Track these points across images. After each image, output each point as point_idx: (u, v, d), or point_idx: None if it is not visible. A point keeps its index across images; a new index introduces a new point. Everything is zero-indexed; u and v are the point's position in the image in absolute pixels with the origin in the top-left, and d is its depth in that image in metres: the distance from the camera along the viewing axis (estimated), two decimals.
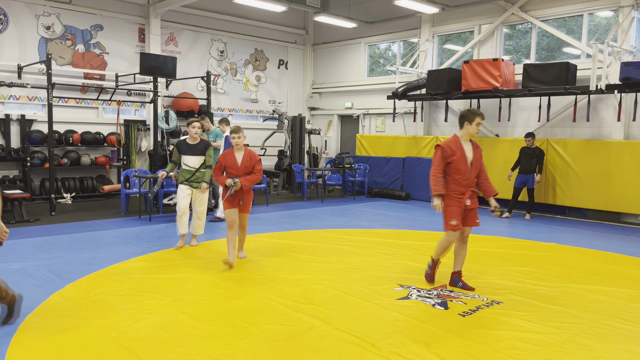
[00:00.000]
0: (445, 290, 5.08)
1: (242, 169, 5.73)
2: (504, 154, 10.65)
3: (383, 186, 12.71)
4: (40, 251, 6.34)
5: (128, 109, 12.23)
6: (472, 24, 11.77)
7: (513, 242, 7.55)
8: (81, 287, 4.91)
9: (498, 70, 9.94)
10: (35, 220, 8.42)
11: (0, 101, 10.33)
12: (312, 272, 5.65)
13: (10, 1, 10.25)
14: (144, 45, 12.12)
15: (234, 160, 5.74)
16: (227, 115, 13.91)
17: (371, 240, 7.37)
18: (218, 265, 5.84)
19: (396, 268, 5.88)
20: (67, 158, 10.70)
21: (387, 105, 13.27)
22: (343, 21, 13.10)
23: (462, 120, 5.00)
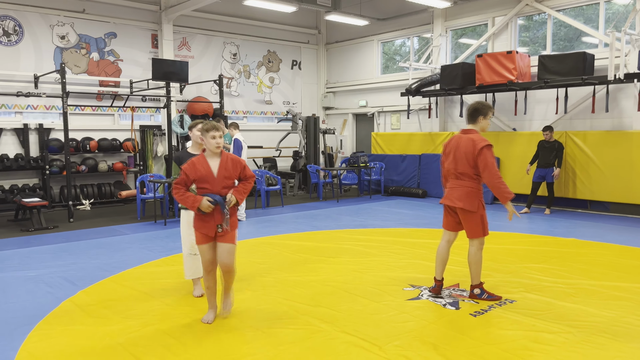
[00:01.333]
0: (457, 290, 4.97)
1: (220, 182, 3.97)
2: (521, 148, 10.44)
3: (399, 184, 12.59)
4: (56, 258, 6.42)
5: (143, 115, 12.36)
6: (486, 16, 11.56)
7: (531, 238, 7.37)
8: (92, 294, 4.95)
9: (512, 63, 9.74)
10: (53, 227, 8.55)
11: (18, 111, 10.53)
12: (322, 273, 5.60)
13: (25, 12, 10.45)
14: (157, 51, 12.22)
15: (208, 169, 3.95)
16: (242, 117, 13.96)
17: (385, 240, 7.28)
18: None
19: (408, 268, 5.79)
20: (85, 165, 10.86)
21: (402, 102, 13.13)
22: (355, 19, 13.01)
23: (476, 114, 4.59)
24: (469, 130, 4.63)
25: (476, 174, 4.51)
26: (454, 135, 4.79)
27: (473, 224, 4.57)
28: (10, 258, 6.45)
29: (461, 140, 4.56)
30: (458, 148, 4.56)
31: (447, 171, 4.69)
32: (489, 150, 4.43)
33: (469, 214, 4.54)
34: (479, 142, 4.43)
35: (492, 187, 4.42)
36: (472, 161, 4.46)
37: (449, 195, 4.65)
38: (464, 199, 4.53)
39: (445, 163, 4.70)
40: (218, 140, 3.94)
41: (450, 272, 5.45)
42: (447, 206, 4.73)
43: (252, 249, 6.90)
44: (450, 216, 4.72)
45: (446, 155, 4.70)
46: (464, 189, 4.54)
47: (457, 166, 4.56)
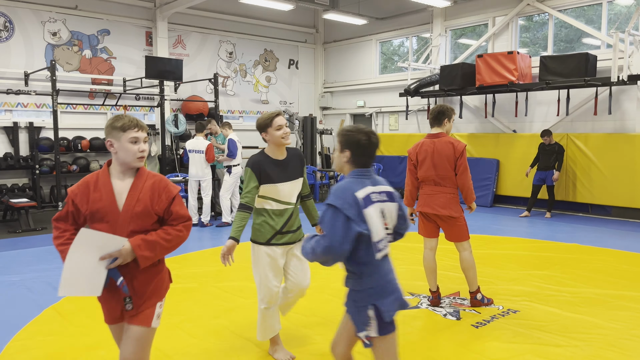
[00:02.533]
0: (458, 298, 4.78)
1: (126, 222, 2.39)
2: (521, 150, 10.26)
3: (398, 186, 12.37)
4: (42, 261, 6.20)
5: (137, 114, 12.11)
6: (486, 16, 11.38)
7: (532, 243, 7.19)
8: (77, 301, 4.73)
9: (513, 63, 9.55)
10: (42, 229, 8.33)
11: (8, 109, 10.29)
12: (318, 279, 5.37)
13: (16, 8, 10.20)
14: (151, 48, 12.00)
15: (109, 199, 2.40)
16: (238, 117, 13.74)
17: None
18: (222, 274, 5.62)
19: (407, 274, 5.58)
20: (76, 164, 10.62)
21: (400, 103, 12.94)
22: (353, 18, 12.80)
23: (442, 116, 4.46)
24: (439, 134, 4.48)
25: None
26: (420, 141, 4.57)
27: (458, 228, 4.46)
28: None
29: (436, 144, 4.42)
30: (436, 153, 4.40)
31: (424, 178, 4.49)
32: (465, 152, 4.44)
33: (454, 220, 4.43)
34: (458, 145, 4.39)
35: (466, 189, 4.41)
36: (454, 164, 4.38)
37: (428, 202, 4.47)
38: (448, 206, 4.40)
39: (420, 170, 4.50)
40: (142, 146, 2.44)
41: (448, 279, 5.26)
42: (425, 213, 4.53)
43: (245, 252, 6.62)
44: (430, 223, 4.56)
45: (420, 162, 4.48)
46: (446, 195, 4.42)
47: (438, 171, 4.40)
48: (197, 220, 8.66)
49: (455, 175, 4.42)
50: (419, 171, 4.52)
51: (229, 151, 8.53)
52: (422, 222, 4.61)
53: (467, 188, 4.41)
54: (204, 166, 8.49)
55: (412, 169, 4.59)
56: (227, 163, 8.61)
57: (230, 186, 8.65)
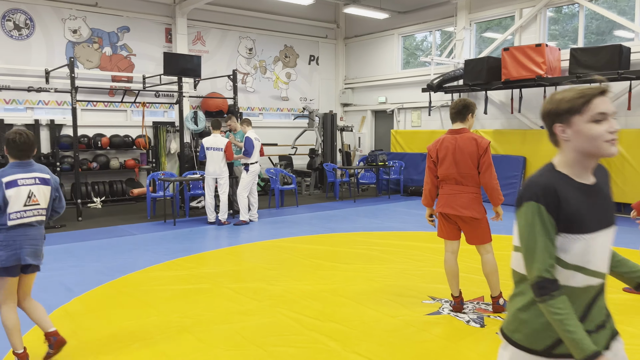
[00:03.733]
0: (482, 303, 4.52)
1: None
2: (549, 147, 9.85)
3: (420, 184, 12.08)
4: (57, 260, 6.14)
5: (157, 111, 12.09)
6: (513, 8, 10.98)
7: None
8: (87, 301, 4.63)
9: (542, 56, 9.16)
10: (61, 226, 8.32)
11: (29, 106, 10.34)
12: (335, 281, 5.19)
13: (37, 5, 10.23)
14: (171, 45, 11.93)
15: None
16: (257, 114, 13.61)
17: (403, 245, 6.84)
18: (237, 275, 5.47)
19: (428, 277, 5.34)
20: (96, 162, 10.63)
21: (423, 98, 12.62)
22: (375, 12, 12.53)
23: (466, 111, 4.20)
24: (461, 129, 4.22)
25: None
26: (440, 137, 4.32)
27: (481, 230, 4.20)
28: None
29: (458, 140, 4.16)
30: (458, 149, 4.14)
31: (445, 176, 4.23)
32: (490, 149, 4.16)
33: (476, 222, 4.17)
34: (482, 141, 4.12)
35: (490, 188, 4.13)
36: (477, 162, 4.12)
37: (449, 202, 4.20)
38: (470, 206, 4.14)
39: (440, 168, 4.24)
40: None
41: (471, 282, 5.00)
42: (446, 214, 4.28)
43: (262, 252, 6.53)
44: (451, 224, 4.30)
45: (441, 159, 4.23)
46: (468, 195, 4.16)
47: (460, 169, 4.14)
48: (214, 219, 8.54)
49: (479, 174, 4.16)
50: (439, 169, 4.28)
51: (245, 149, 8.39)
52: (443, 224, 4.36)
53: (492, 188, 4.14)
54: (222, 164, 8.36)
55: (432, 167, 4.34)
56: (244, 161, 8.47)
57: (248, 184, 8.50)
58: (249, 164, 8.45)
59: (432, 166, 4.33)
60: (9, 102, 10.09)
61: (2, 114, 9.99)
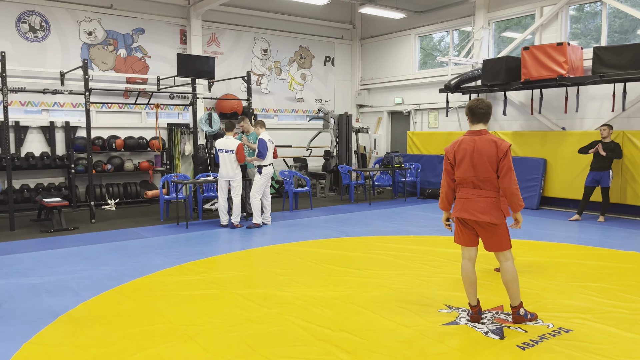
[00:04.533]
0: (501, 313, 4.31)
1: None
2: (571, 149, 9.56)
3: (437, 187, 11.85)
4: (67, 263, 6.08)
5: (171, 112, 12.05)
6: (533, 6, 10.69)
7: (584, 251, 6.58)
8: (93, 306, 4.53)
9: (563, 55, 8.88)
10: (74, 228, 8.28)
11: (45, 108, 10.37)
12: (348, 288, 5.02)
13: (52, 8, 10.26)
14: (185, 47, 11.89)
15: None
16: (272, 116, 13.51)
17: (419, 249, 6.64)
18: (248, 280, 5.33)
19: (444, 284, 5.14)
20: (111, 164, 10.61)
21: (440, 99, 12.39)
22: (391, 12, 12.34)
23: (487, 116, 4.03)
24: (481, 131, 4.02)
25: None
26: (459, 138, 4.12)
27: (500, 237, 3.99)
28: (21, 262, 6.14)
29: (477, 143, 3.96)
30: (476, 152, 3.95)
31: (462, 179, 4.04)
32: (510, 152, 3.94)
33: (494, 227, 3.96)
34: (502, 144, 3.91)
35: (510, 193, 3.90)
36: (496, 165, 3.91)
37: (466, 207, 4.01)
38: (489, 211, 3.94)
39: (457, 171, 4.05)
40: None
41: (489, 290, 4.79)
42: (463, 219, 4.08)
43: (274, 256, 6.39)
44: (468, 230, 4.09)
45: (458, 161, 4.03)
46: (487, 199, 3.96)
47: (478, 173, 3.94)
48: (227, 222, 8.43)
49: (498, 178, 3.96)
50: (457, 172, 4.09)
51: (258, 151, 8.27)
52: (460, 229, 4.16)
53: (511, 193, 3.93)
54: (234, 166, 8.25)
55: (449, 169, 4.16)
56: (258, 163, 8.35)
57: (261, 186, 8.38)
58: (263, 166, 8.33)
59: (450, 169, 4.14)
60: (25, 104, 10.13)
61: (18, 116, 10.03)
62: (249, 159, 8.56)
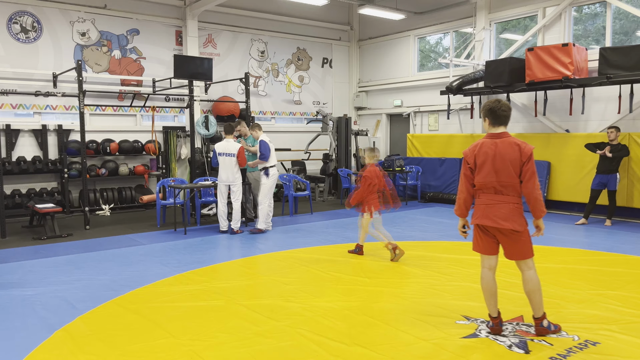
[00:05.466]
0: (522, 324, 4.10)
1: None
2: (575, 152, 9.41)
3: (438, 190, 11.67)
4: (61, 272, 5.81)
5: (167, 115, 11.80)
6: (536, 7, 10.55)
7: (595, 256, 6.40)
8: (91, 320, 4.28)
9: (569, 56, 8.73)
10: (67, 235, 8.00)
11: (37, 111, 10.07)
12: (358, 298, 4.80)
13: (44, 8, 9.98)
14: (181, 48, 11.64)
15: None
16: (270, 118, 13.28)
17: (427, 256, 6.43)
18: (252, 289, 5.10)
19: (459, 293, 4.93)
20: (105, 168, 10.33)
21: (440, 101, 12.22)
22: (390, 13, 12.16)
23: (509, 117, 3.85)
24: (502, 133, 3.84)
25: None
26: (478, 141, 3.92)
27: (522, 244, 3.81)
28: (13, 272, 5.86)
29: (499, 146, 3.78)
30: (498, 156, 3.76)
31: (483, 185, 3.84)
32: (533, 155, 3.77)
33: (517, 235, 3.78)
34: (525, 147, 3.74)
35: (533, 199, 3.74)
36: (519, 169, 3.74)
37: (487, 213, 3.82)
38: (511, 218, 3.75)
39: (478, 176, 3.86)
40: None
41: (507, 299, 4.58)
42: (483, 226, 3.88)
43: (277, 264, 6.15)
44: (488, 237, 3.89)
45: (479, 166, 3.84)
46: (509, 205, 3.77)
47: (500, 178, 3.76)
48: (227, 227, 8.19)
49: (520, 183, 3.77)
50: (477, 177, 3.89)
51: (261, 154, 8.03)
52: (479, 237, 3.96)
53: (535, 199, 3.74)
54: (235, 170, 8.01)
55: (469, 174, 3.95)
56: (262, 165, 8.12)
57: (270, 189, 8.13)
58: (269, 167, 8.08)
59: (469, 173, 3.94)
60: (16, 106, 9.83)
61: (9, 119, 9.74)
62: (251, 163, 8.33)
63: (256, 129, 8.30)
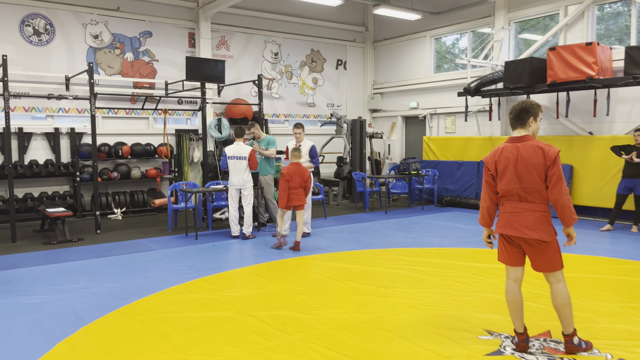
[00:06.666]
0: (550, 341, 3.84)
1: None
2: (599, 155, 9.08)
3: (455, 194, 11.38)
4: (70, 280, 5.67)
5: (180, 118, 11.68)
6: (557, 5, 10.23)
7: (624, 265, 6.10)
8: (96, 332, 4.11)
9: (593, 56, 8.42)
10: (78, 240, 7.89)
11: (49, 114, 10.02)
12: (374, 309, 4.58)
13: (57, 10, 9.93)
14: (194, 50, 11.53)
15: None
16: (283, 121, 13.11)
17: (446, 264, 6.18)
18: (264, 299, 4.90)
19: (480, 304, 4.68)
20: (117, 171, 10.24)
21: (457, 103, 11.95)
22: (406, 13, 11.93)
23: (525, 115, 3.63)
24: (524, 136, 3.61)
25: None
26: (499, 146, 3.69)
27: (551, 255, 3.56)
28: (21, 279, 5.74)
29: (520, 150, 3.55)
30: (521, 160, 3.53)
31: (506, 192, 3.60)
32: (559, 158, 3.50)
33: (545, 245, 3.53)
34: (549, 150, 3.49)
35: (561, 206, 3.47)
36: (544, 174, 3.49)
37: (511, 222, 3.57)
38: (537, 227, 3.51)
39: (500, 182, 3.62)
40: None
41: (533, 312, 4.32)
42: (508, 236, 3.63)
43: (290, 271, 5.95)
44: (514, 248, 3.64)
45: (500, 172, 3.61)
46: (535, 213, 3.53)
47: (523, 184, 3.53)
48: (238, 232, 8.01)
49: (547, 189, 3.52)
50: (499, 184, 3.65)
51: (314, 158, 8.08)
52: (504, 247, 3.71)
53: (563, 205, 3.48)
54: (246, 174, 7.84)
55: (490, 181, 3.72)
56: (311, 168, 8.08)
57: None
58: None
59: (491, 180, 3.70)
60: (29, 109, 9.78)
61: (22, 122, 9.69)
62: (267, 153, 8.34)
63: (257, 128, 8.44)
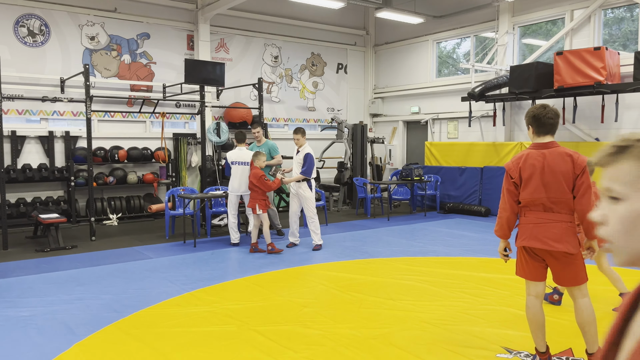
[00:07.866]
0: (572, 359, 3.62)
1: None
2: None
3: (458, 200, 11.17)
4: (61, 290, 5.42)
5: (177, 122, 11.44)
6: (562, 9, 10.07)
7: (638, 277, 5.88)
8: (88, 348, 3.87)
9: (601, 61, 8.24)
10: (72, 247, 7.63)
11: (43, 117, 9.76)
12: (383, 324, 4.34)
13: (52, 11, 9.69)
14: (193, 53, 11.31)
15: None
16: (283, 125, 12.89)
17: (454, 274, 5.96)
18: (267, 312, 4.66)
19: (494, 318, 4.46)
20: (113, 176, 9.98)
21: (459, 108, 11.76)
22: (408, 16, 11.75)
23: (556, 126, 3.40)
24: (550, 142, 3.38)
25: None
26: (523, 152, 3.45)
27: (577, 268, 3.34)
28: (10, 289, 5.48)
29: (547, 157, 3.32)
30: (548, 168, 3.30)
31: (530, 201, 3.37)
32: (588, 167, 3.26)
33: (571, 258, 3.31)
34: (579, 158, 3.29)
35: (587, 217, 3.21)
36: (572, 183, 3.27)
37: (536, 234, 3.34)
38: (565, 238, 3.28)
39: (524, 191, 3.39)
40: None
41: (551, 328, 4.10)
42: (531, 249, 3.41)
43: (293, 282, 5.71)
44: (536, 261, 3.41)
45: (525, 180, 3.38)
46: (561, 224, 3.30)
47: (550, 193, 3.30)
48: (237, 240, 7.77)
49: (574, 199, 3.31)
50: (523, 192, 3.42)
51: (306, 168, 7.43)
52: (525, 260, 3.48)
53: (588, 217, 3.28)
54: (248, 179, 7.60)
55: (513, 190, 3.48)
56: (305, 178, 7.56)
57: (314, 202, 7.64)
58: (308, 180, 7.59)
59: (514, 189, 3.47)
60: (22, 112, 9.53)
61: (15, 125, 9.43)
62: (287, 180, 7.64)
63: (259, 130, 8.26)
